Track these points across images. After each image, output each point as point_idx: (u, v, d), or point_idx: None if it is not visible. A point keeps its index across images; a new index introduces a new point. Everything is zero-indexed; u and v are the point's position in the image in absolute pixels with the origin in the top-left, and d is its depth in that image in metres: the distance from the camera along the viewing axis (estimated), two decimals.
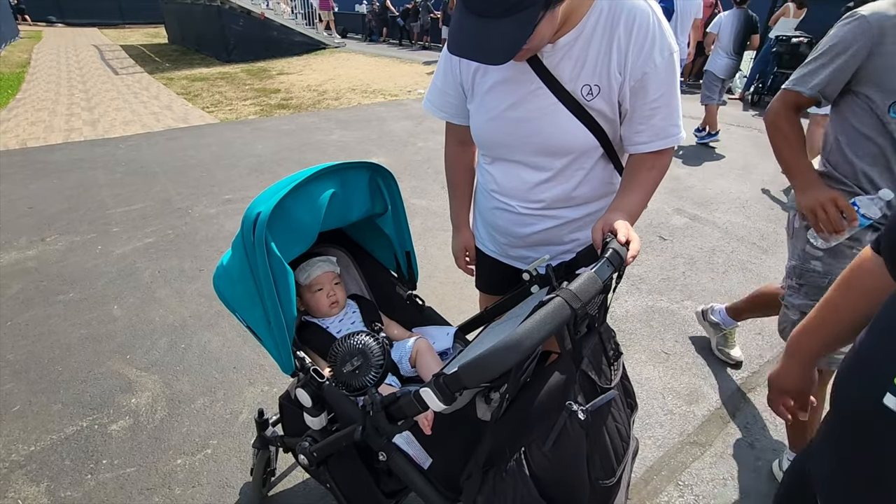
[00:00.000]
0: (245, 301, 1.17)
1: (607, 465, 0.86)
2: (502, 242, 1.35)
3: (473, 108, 1.17)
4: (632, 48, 0.97)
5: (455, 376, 0.75)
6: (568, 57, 1.00)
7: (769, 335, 2.44)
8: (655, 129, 1.03)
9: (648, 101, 1.00)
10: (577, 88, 1.02)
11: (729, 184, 4.41)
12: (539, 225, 1.23)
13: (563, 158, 1.11)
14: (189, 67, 11.62)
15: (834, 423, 0.70)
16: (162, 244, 3.22)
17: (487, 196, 1.31)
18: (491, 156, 1.23)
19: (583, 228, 1.24)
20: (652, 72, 0.97)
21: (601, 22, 0.98)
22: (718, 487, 1.68)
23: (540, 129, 1.07)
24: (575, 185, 1.16)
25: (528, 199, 1.20)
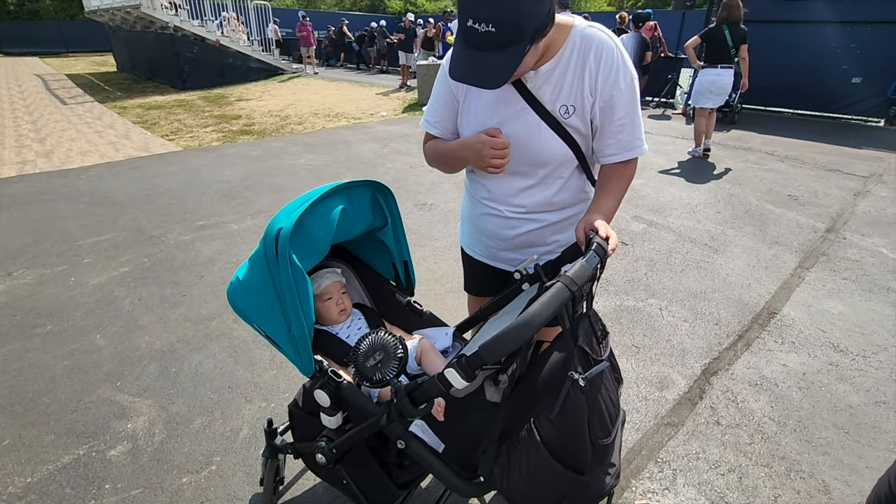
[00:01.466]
0: (264, 311, 1.26)
1: (604, 426, 1.01)
2: (490, 246, 1.50)
3: (465, 125, 1.30)
4: (600, 74, 1.16)
5: (476, 355, 0.89)
6: (548, 82, 1.19)
7: (725, 325, 2.70)
8: (622, 143, 1.23)
9: (615, 119, 1.20)
10: (556, 108, 1.20)
11: (679, 191, 4.78)
12: (523, 227, 1.39)
13: (545, 168, 1.29)
14: (142, 95, 11.40)
15: None
16: (139, 272, 3.20)
17: (477, 204, 1.46)
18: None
19: (562, 231, 1.41)
20: (618, 94, 1.17)
21: (575, 53, 1.17)
22: (692, 462, 1.86)
23: (526, 143, 1.24)
24: (555, 192, 1.33)
25: (513, 204, 1.37)
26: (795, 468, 1.83)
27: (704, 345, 2.53)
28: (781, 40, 8.38)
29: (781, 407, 2.12)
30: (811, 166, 5.66)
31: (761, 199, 4.55)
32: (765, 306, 2.88)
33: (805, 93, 8.60)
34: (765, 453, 1.89)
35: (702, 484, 1.77)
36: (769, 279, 3.17)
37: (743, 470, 1.82)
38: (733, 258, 3.44)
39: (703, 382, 2.28)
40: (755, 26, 8.34)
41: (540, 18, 0.99)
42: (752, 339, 2.58)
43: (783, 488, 1.75)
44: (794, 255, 3.49)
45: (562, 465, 0.97)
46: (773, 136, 7.12)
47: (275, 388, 2.20)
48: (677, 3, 9.73)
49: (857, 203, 4.52)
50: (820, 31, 8.07)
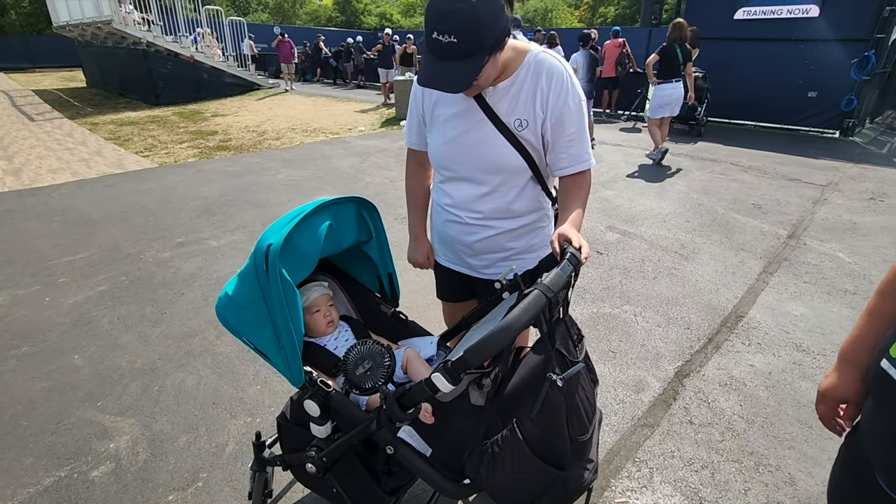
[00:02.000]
0: (254, 325, 1.30)
1: (581, 423, 1.08)
2: (454, 251, 1.60)
3: (432, 135, 1.46)
4: (551, 94, 1.30)
5: (461, 359, 0.95)
6: (504, 97, 1.33)
7: (696, 329, 2.83)
8: (573, 157, 1.35)
9: (566, 134, 1.33)
10: (511, 121, 1.33)
11: (650, 202, 4.96)
12: (481, 234, 1.50)
13: (500, 175, 1.40)
14: (114, 111, 11.22)
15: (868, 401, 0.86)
16: (116, 291, 3.16)
17: (441, 211, 1.57)
18: (445, 175, 1.50)
19: (517, 239, 1.51)
20: (567, 112, 1.31)
21: (529, 74, 1.31)
22: (668, 460, 1.95)
23: (483, 151, 1.37)
24: (511, 200, 1.44)
25: (472, 210, 1.47)
26: (763, 462, 1.93)
27: (677, 348, 2.65)
28: (743, 57, 8.82)
29: (749, 405, 2.23)
30: (773, 176, 5.95)
31: (727, 208, 4.76)
32: (732, 310, 3.02)
33: (766, 106, 9.05)
34: (735, 449, 1.99)
35: (677, 481, 1.85)
36: (736, 284, 3.33)
37: (715, 466, 1.92)
38: (702, 265, 3.59)
39: (677, 384, 2.38)
40: (718, 43, 8.79)
41: (497, 32, 1.13)
42: (721, 342, 2.71)
43: (752, 482, 1.85)
44: (759, 260, 3.67)
45: (543, 462, 1.03)
46: (737, 148, 7.45)
47: (260, 403, 2.21)
48: (644, 20, 10.13)
49: (815, 210, 4.77)
50: (777, 49, 8.52)
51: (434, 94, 1.42)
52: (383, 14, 40.98)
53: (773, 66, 8.66)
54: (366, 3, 42.91)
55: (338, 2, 42.91)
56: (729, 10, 8.81)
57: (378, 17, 40.60)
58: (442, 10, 1.08)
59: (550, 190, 1.51)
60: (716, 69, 8.54)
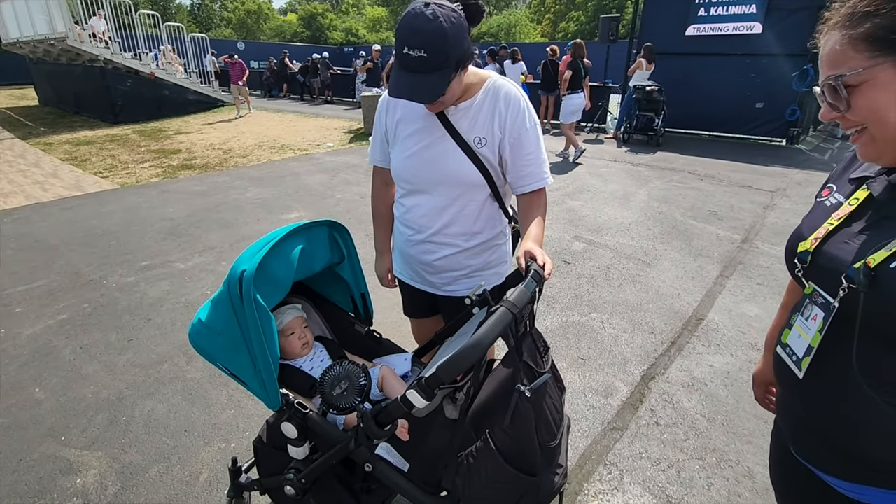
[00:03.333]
0: (228, 350, 1.31)
1: (550, 430, 1.14)
2: (417, 270, 1.66)
3: (395, 150, 1.52)
4: (509, 116, 1.40)
5: (434, 376, 1.00)
6: (465, 116, 1.42)
7: (660, 333, 2.95)
8: (533, 175, 1.45)
9: (525, 153, 1.42)
10: (471, 138, 1.42)
11: (614, 211, 5.15)
12: (441, 252, 1.56)
13: (458, 189, 1.47)
14: (70, 131, 10.85)
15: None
16: (78, 319, 3.07)
17: (403, 230, 1.63)
18: (406, 188, 1.56)
19: (474, 256, 1.58)
20: (524, 133, 1.41)
21: (488, 96, 1.41)
22: (636, 461, 2.03)
23: (444, 164, 1.44)
24: (469, 216, 1.50)
25: (431, 226, 1.53)
26: (724, 458, 2.04)
27: (642, 352, 2.76)
28: (695, 71, 9.29)
29: (710, 404, 2.35)
30: (727, 183, 6.27)
31: (685, 216, 4.99)
32: (693, 313, 3.17)
33: (718, 117, 9.54)
34: (698, 447, 2.10)
35: (646, 481, 1.93)
36: (696, 288, 3.50)
37: (680, 464, 2.01)
38: (664, 271, 3.76)
39: (643, 387, 2.48)
40: (672, 58, 9.23)
41: (462, 50, 1.24)
42: (683, 345, 2.84)
43: (715, 477, 1.95)
44: (716, 265, 3.87)
45: (516, 469, 1.08)
46: (693, 157, 7.81)
47: (234, 428, 2.19)
48: (602, 37, 10.55)
49: (766, 215, 5.06)
50: (726, 63, 9.02)
51: (398, 112, 1.49)
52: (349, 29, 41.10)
53: (724, 79, 9.15)
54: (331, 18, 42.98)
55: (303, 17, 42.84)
56: (680, 26, 9.30)
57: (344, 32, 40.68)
58: (412, 27, 1.18)
59: (507, 209, 1.58)
60: (671, 82, 8.95)
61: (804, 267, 0.86)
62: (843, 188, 0.89)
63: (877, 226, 0.77)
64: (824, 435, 0.85)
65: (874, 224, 0.78)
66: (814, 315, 0.83)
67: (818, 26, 0.79)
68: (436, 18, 1.17)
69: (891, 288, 0.69)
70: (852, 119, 0.75)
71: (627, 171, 6.94)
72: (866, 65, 0.70)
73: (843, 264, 0.77)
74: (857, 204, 0.82)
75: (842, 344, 0.77)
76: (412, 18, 1.18)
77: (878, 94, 0.70)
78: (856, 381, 0.75)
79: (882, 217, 0.77)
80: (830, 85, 0.74)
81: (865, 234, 0.77)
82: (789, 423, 0.95)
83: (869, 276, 0.71)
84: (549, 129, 10.65)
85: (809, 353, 0.83)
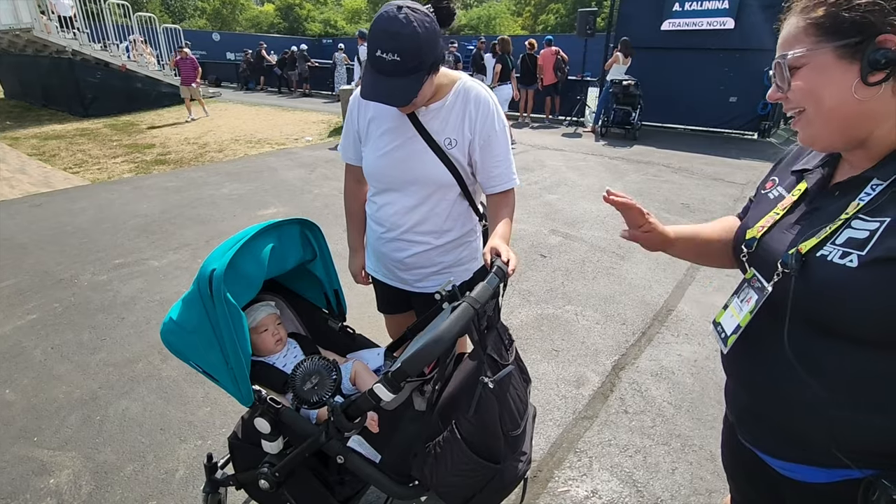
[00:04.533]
0: (201, 349, 1.33)
1: (513, 419, 1.19)
2: (388, 267, 1.68)
3: (367, 149, 1.54)
4: (479, 118, 1.43)
5: (399, 370, 1.04)
6: (435, 117, 1.44)
7: (631, 324, 3.04)
8: (501, 177, 1.49)
9: (494, 154, 1.46)
10: (441, 139, 1.45)
11: (590, 204, 5.25)
12: (412, 250, 1.59)
13: (429, 188, 1.50)
14: (37, 125, 10.52)
15: None
16: (49, 319, 3.02)
17: (375, 227, 1.65)
18: (377, 187, 1.58)
19: (445, 253, 1.61)
20: (494, 135, 1.45)
21: (459, 98, 1.44)
22: (605, 448, 2.11)
23: (413, 165, 1.47)
24: (440, 214, 1.53)
25: (402, 224, 1.56)
26: (689, 443, 2.13)
27: (614, 343, 2.84)
28: (671, 65, 9.44)
29: (677, 392, 2.45)
30: (700, 176, 6.42)
31: (659, 209, 5.11)
32: (663, 305, 3.27)
33: (693, 110, 9.72)
34: (664, 433, 2.18)
35: (613, 467, 2.01)
36: (667, 280, 3.60)
37: (647, 450, 2.10)
38: (637, 263, 3.85)
39: (614, 377, 2.56)
40: (648, 52, 9.36)
41: (435, 54, 1.26)
42: (653, 335, 2.93)
43: (679, 462, 2.04)
44: None
45: (480, 457, 1.13)
46: (668, 150, 7.97)
47: (210, 425, 2.20)
48: (580, 30, 10.63)
49: (736, 208, 5.18)
50: (700, 57, 9.19)
51: (370, 111, 1.51)
52: (327, 20, 40.53)
53: (698, 73, 9.33)
54: (309, 9, 42.27)
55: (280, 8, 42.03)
56: (656, 21, 9.43)
57: (322, 23, 40.10)
58: (387, 31, 1.20)
59: (478, 206, 1.62)
60: (647, 76, 9.09)
61: (749, 252, 0.92)
62: (785, 180, 0.95)
63: (809, 216, 0.83)
64: (760, 415, 0.91)
65: (808, 214, 0.84)
66: (748, 297, 0.89)
67: (783, 11, 0.84)
68: (409, 23, 1.19)
69: (818, 274, 0.75)
70: (792, 100, 0.80)
71: (604, 164, 7.05)
72: (809, 48, 0.74)
73: (779, 252, 0.83)
74: (798, 195, 0.88)
75: (775, 326, 0.83)
76: (386, 22, 1.19)
77: (816, 77, 0.75)
78: (787, 362, 0.81)
79: (814, 208, 0.83)
80: (778, 64, 0.79)
81: (801, 224, 0.84)
82: (732, 408, 1.01)
83: (800, 261, 0.77)
84: (528, 122, 10.72)
85: (737, 331, 0.89)
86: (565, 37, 18.99)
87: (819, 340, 0.79)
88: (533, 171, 6.53)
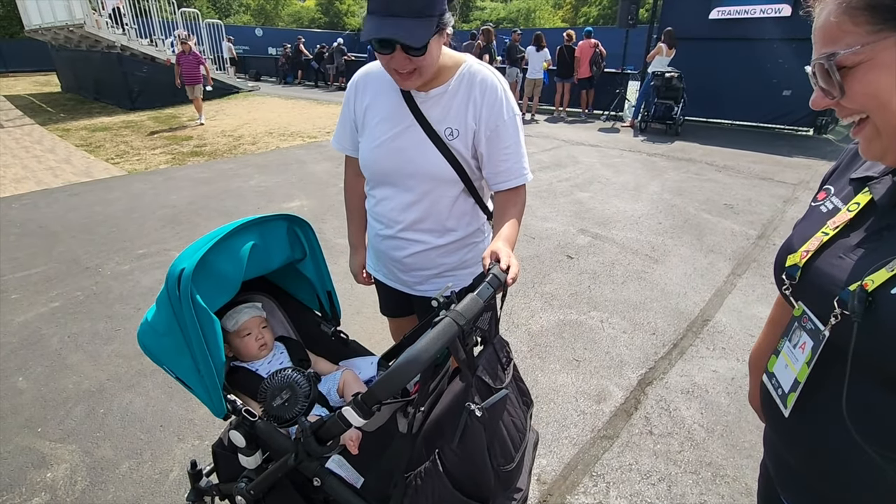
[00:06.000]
0: (172, 353, 1.23)
1: (506, 452, 1.03)
2: (388, 268, 1.55)
3: (363, 139, 1.41)
4: (485, 105, 1.26)
5: (370, 392, 0.90)
6: (436, 105, 1.28)
7: (662, 334, 2.80)
8: (511, 171, 1.31)
9: (502, 147, 1.29)
10: (441, 129, 1.29)
11: (624, 203, 4.96)
12: (411, 248, 1.44)
13: (428, 183, 1.35)
14: (88, 117, 10.99)
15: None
16: (70, 307, 3.06)
17: (373, 224, 1.52)
18: (374, 180, 1.45)
19: (448, 255, 1.46)
20: (502, 125, 1.27)
21: (462, 84, 1.27)
22: (625, 473, 1.91)
23: (412, 156, 1.32)
24: (441, 211, 1.38)
25: (400, 220, 1.41)
26: (721, 473, 1.90)
27: (641, 355, 2.62)
28: (718, 56, 8.89)
29: (710, 413, 2.21)
30: (746, 175, 5.98)
31: (699, 209, 4.77)
32: (699, 314, 3.01)
33: (742, 105, 9.13)
34: (693, 460, 1.96)
35: (633, 495, 1.81)
36: (704, 287, 3.32)
37: (672, 478, 1.88)
38: (672, 268, 3.58)
39: (639, 393, 2.35)
40: (694, 43, 8.85)
41: (443, 5, 1.11)
42: (685, 347, 2.69)
43: (709, 494, 1.82)
44: (728, 262, 3.67)
45: (464, 496, 0.98)
46: (712, 147, 7.50)
47: (210, 425, 2.14)
48: (621, 20, 10.16)
49: (786, 210, 4.80)
50: (751, 48, 8.59)
51: (366, 98, 1.38)
52: None
53: (748, 65, 8.74)
54: (349, 3, 42.68)
55: (321, 3, 42.63)
56: (704, 10, 8.88)
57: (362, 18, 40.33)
58: None
59: (486, 204, 1.46)
60: (692, 68, 8.58)
61: (792, 284, 0.73)
62: (842, 191, 0.75)
63: (878, 238, 0.63)
64: (808, 484, 0.72)
65: (875, 235, 0.64)
66: (802, 343, 0.70)
67: None
68: None
69: (890, 318, 0.56)
70: (849, 107, 0.61)
71: (642, 161, 6.69)
72: (865, 40, 0.56)
73: (835, 285, 0.64)
74: (856, 210, 0.68)
75: (831, 380, 0.64)
76: None
77: (879, 77, 0.56)
78: (844, 427, 0.62)
79: (884, 227, 0.64)
80: (822, 65, 0.60)
81: (864, 248, 0.64)
82: (774, 463, 0.82)
83: (864, 301, 0.58)
84: (564, 116, 10.37)
85: (796, 387, 0.70)
86: (606, 29, 18.31)
87: (886, 400, 0.59)
88: (565, 168, 6.26)
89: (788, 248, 0.76)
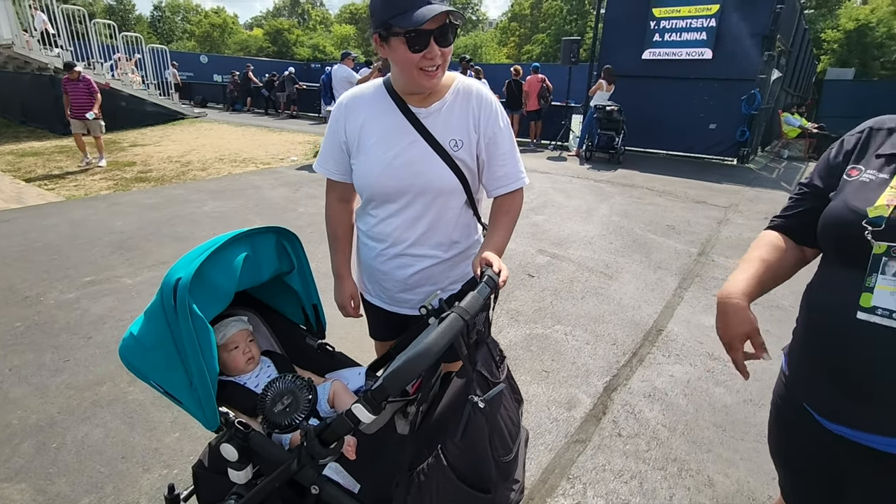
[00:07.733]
0: (161, 367, 1.21)
1: (505, 444, 1.09)
2: (388, 289, 1.54)
3: (361, 160, 1.39)
4: (482, 115, 1.35)
5: (380, 387, 0.94)
6: (437, 118, 1.34)
7: (621, 344, 2.97)
8: (509, 176, 1.40)
9: (500, 153, 1.38)
10: (446, 141, 1.34)
11: (577, 225, 5.23)
12: (417, 265, 1.45)
13: (436, 197, 1.38)
14: (15, 141, 10.29)
15: (811, 343, 0.98)
16: (9, 339, 2.83)
17: (371, 245, 1.50)
18: (376, 199, 1.42)
19: (453, 267, 1.49)
20: (499, 132, 1.36)
21: (459, 96, 1.35)
22: (600, 474, 2.00)
23: (420, 170, 1.34)
24: (446, 224, 1.42)
25: (407, 238, 1.42)
26: (685, 468, 2.04)
27: (605, 364, 2.76)
28: (652, 92, 9.69)
29: (671, 413, 2.36)
30: (683, 199, 6.49)
31: (645, 230, 5.12)
32: (653, 325, 3.22)
33: (674, 136, 9.96)
34: (660, 458, 2.09)
35: (609, 494, 1.90)
36: (655, 300, 3.55)
37: (643, 475, 1.99)
38: (625, 283, 3.81)
39: (606, 399, 2.47)
40: (631, 80, 9.61)
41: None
42: (644, 355, 2.86)
43: (676, 487, 1.94)
44: (675, 277, 3.95)
45: (468, 486, 1.02)
46: (652, 174, 8.08)
47: (178, 452, 2.04)
48: (564, 59, 10.89)
49: (720, 230, 5.24)
50: (680, 86, 9.45)
51: (360, 118, 1.37)
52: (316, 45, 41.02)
53: (679, 101, 9.59)
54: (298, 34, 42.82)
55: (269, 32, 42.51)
56: (637, 50, 9.72)
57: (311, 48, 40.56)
58: None
59: (480, 215, 1.52)
60: (630, 103, 9.30)
61: (877, 230, 0.87)
62: (872, 164, 0.95)
63: None
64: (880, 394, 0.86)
65: None
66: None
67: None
68: None
69: None
70: None
71: (590, 187, 7.10)
72: None
73: None
74: None
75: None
76: None
77: None
78: None
79: None
80: None
81: None
82: (835, 388, 0.93)
83: None
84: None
85: None
86: (551, 66, 19.46)
87: None
88: None
89: (852, 209, 0.91)
